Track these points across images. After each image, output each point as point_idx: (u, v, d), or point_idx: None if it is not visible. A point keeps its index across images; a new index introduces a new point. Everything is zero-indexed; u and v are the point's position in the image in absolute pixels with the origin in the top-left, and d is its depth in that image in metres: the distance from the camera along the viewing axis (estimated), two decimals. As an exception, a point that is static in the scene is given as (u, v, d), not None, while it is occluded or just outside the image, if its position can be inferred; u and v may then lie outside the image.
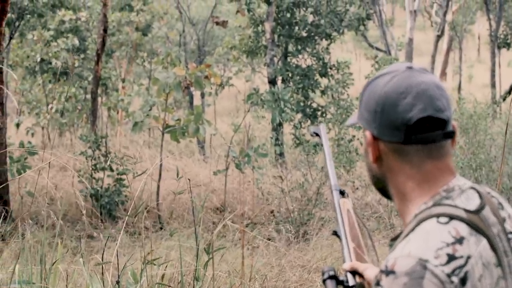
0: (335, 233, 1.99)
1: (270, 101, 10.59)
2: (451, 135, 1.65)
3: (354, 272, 1.86)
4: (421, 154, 1.63)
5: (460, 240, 1.54)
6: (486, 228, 1.59)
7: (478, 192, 1.66)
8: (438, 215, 1.58)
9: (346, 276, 1.84)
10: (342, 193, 2.09)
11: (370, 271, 1.85)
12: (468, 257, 1.53)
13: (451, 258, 1.51)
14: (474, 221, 1.58)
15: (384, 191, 1.77)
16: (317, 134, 2.26)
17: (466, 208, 1.60)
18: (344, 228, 1.98)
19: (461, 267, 1.51)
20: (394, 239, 1.75)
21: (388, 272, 1.52)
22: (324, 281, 1.83)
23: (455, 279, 1.49)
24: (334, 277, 1.83)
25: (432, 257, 1.50)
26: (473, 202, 1.62)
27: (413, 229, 1.59)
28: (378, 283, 1.53)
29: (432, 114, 1.60)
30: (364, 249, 1.94)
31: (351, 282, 1.84)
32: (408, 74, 1.65)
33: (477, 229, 1.58)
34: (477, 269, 1.53)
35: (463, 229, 1.56)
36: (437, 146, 1.64)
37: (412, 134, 1.61)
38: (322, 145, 2.22)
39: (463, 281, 1.51)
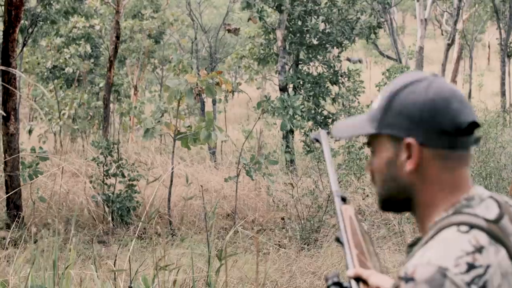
0: (337, 240, 1.97)
1: (280, 108, 10.62)
2: (478, 141, 1.68)
3: (358, 279, 1.84)
4: (461, 161, 1.65)
5: (480, 249, 1.54)
6: (505, 237, 1.60)
7: (497, 201, 1.67)
8: (458, 224, 1.58)
9: (350, 282, 1.83)
10: (343, 199, 2.06)
11: (374, 278, 1.84)
12: (488, 267, 1.53)
13: (470, 267, 1.51)
14: (493, 231, 1.59)
15: (399, 204, 1.74)
16: (317, 140, 2.22)
17: (486, 217, 1.60)
18: (347, 235, 1.95)
19: (480, 276, 1.51)
20: (412, 245, 1.77)
21: (408, 279, 1.51)
22: (328, 287, 1.84)
23: (474, 287, 1.49)
24: (338, 284, 1.83)
25: (452, 265, 1.50)
26: (493, 211, 1.63)
27: (432, 237, 1.60)
28: None
29: (475, 119, 1.64)
30: (367, 256, 1.91)
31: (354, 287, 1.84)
32: (441, 80, 1.67)
33: (497, 238, 1.58)
34: (496, 278, 1.53)
35: (483, 239, 1.56)
36: (470, 152, 1.67)
37: (459, 139, 1.63)
38: (323, 151, 2.19)
39: None
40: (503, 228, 1.61)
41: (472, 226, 1.57)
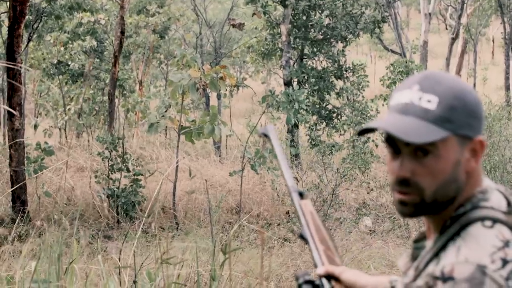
0: (301, 237, 1.93)
1: (285, 102, 10.62)
2: None
3: (329, 276, 1.83)
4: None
5: (507, 244, 1.54)
6: None
7: (501, 192, 1.67)
8: (482, 219, 1.58)
9: (321, 281, 1.82)
10: (301, 194, 2.03)
11: (347, 274, 1.84)
12: None
13: (505, 262, 1.51)
14: (511, 223, 1.59)
15: (445, 204, 1.66)
16: (266, 135, 2.19)
17: (502, 210, 1.61)
18: (311, 231, 1.92)
19: None
20: (417, 240, 1.76)
21: (446, 278, 1.49)
22: (299, 286, 1.81)
23: (511, 283, 1.49)
24: (310, 282, 1.81)
25: (489, 262, 1.50)
26: (503, 203, 1.63)
27: (458, 233, 1.58)
28: None
29: None
30: (334, 250, 1.89)
31: (326, 286, 1.82)
32: None
33: None
34: None
35: (506, 232, 1.56)
36: None
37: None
38: (273, 146, 2.15)
39: None
40: None
41: (495, 221, 1.57)
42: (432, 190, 1.61)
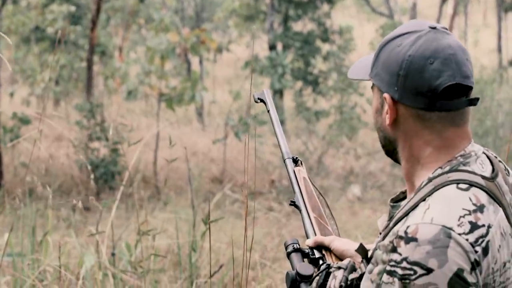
0: (293, 204, 1.94)
1: (269, 67, 10.30)
2: (475, 102, 1.60)
3: (320, 247, 1.82)
4: (444, 121, 1.57)
5: (481, 208, 1.48)
6: (501, 196, 1.55)
7: (488, 157, 1.63)
8: (457, 181, 1.52)
9: (310, 250, 1.82)
10: (295, 161, 2.03)
11: (337, 243, 1.82)
12: (489, 226, 1.47)
13: (474, 226, 1.45)
14: (491, 189, 1.53)
15: (391, 153, 1.67)
16: (262, 100, 2.16)
17: (483, 175, 1.55)
18: (303, 198, 1.93)
19: (483, 236, 1.45)
20: (396, 200, 1.72)
21: (409, 239, 1.43)
22: (288, 255, 1.81)
23: (478, 248, 1.44)
24: (298, 250, 1.81)
25: (455, 225, 1.44)
26: (487, 168, 1.58)
27: (430, 194, 1.51)
28: (394, 250, 1.45)
29: (460, 81, 1.54)
30: (325, 218, 1.90)
31: (317, 254, 1.82)
32: (433, 36, 1.57)
33: (494, 197, 1.53)
34: (497, 239, 1.48)
35: (482, 197, 1.51)
36: (459, 113, 1.58)
37: (437, 100, 1.54)
38: (268, 111, 2.13)
39: (485, 251, 1.45)
40: (499, 186, 1.57)
41: (471, 184, 1.51)
42: (376, 130, 1.68)
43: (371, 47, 15.05)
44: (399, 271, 1.43)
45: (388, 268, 1.46)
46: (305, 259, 1.82)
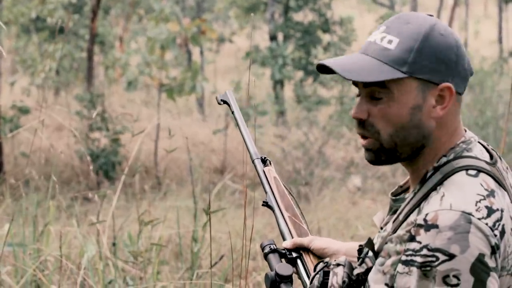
0: (265, 204, 1.92)
1: (269, 57, 10.28)
2: None
3: (298, 248, 1.82)
4: (460, 106, 1.62)
5: (492, 193, 1.50)
6: (504, 181, 1.57)
7: (481, 144, 1.64)
8: (466, 168, 1.53)
9: (287, 251, 1.81)
10: (264, 161, 2.02)
11: (317, 242, 1.81)
12: (502, 210, 1.49)
13: (490, 211, 1.47)
14: (495, 174, 1.55)
15: (412, 153, 1.61)
16: (225, 102, 2.16)
17: (486, 160, 1.57)
18: (276, 198, 1.91)
19: (499, 220, 1.47)
20: (396, 194, 1.72)
21: (429, 226, 1.44)
22: (265, 256, 1.81)
23: (497, 232, 1.46)
24: (275, 251, 1.81)
25: (474, 210, 1.45)
26: (485, 155, 1.60)
27: (441, 183, 1.52)
28: (411, 239, 1.46)
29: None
30: (300, 217, 1.89)
31: (294, 254, 1.81)
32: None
33: (499, 182, 1.55)
34: (509, 223, 1.50)
35: (491, 182, 1.53)
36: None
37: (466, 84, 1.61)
38: (233, 112, 2.12)
39: (502, 234, 1.47)
40: (499, 171, 1.58)
41: (479, 170, 1.53)
42: (388, 133, 1.59)
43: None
44: (419, 259, 1.44)
45: (404, 258, 1.47)
46: (283, 260, 1.81)
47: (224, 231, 6.91)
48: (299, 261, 1.81)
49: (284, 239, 1.87)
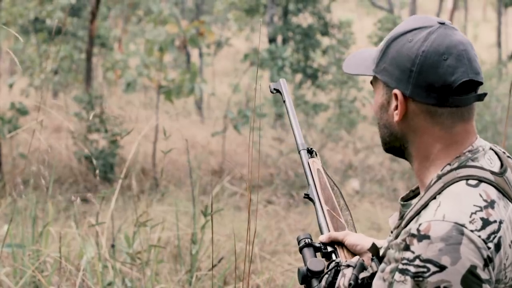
0: (307, 196, 1.94)
1: (268, 60, 10.28)
2: (483, 97, 1.60)
3: (333, 242, 1.83)
4: (454, 117, 1.57)
5: (491, 204, 1.48)
6: (511, 191, 1.55)
7: (496, 153, 1.62)
8: (467, 178, 1.52)
9: (322, 245, 1.83)
10: (310, 152, 2.04)
11: (351, 238, 1.82)
12: (500, 222, 1.47)
13: (485, 223, 1.45)
14: (500, 184, 1.53)
15: (397, 150, 1.68)
16: (278, 91, 2.16)
17: (492, 170, 1.55)
18: (317, 190, 1.93)
19: (495, 232, 1.45)
20: (406, 199, 1.71)
21: (422, 236, 1.43)
22: (300, 249, 1.82)
23: (491, 245, 1.44)
24: (310, 245, 1.82)
25: (467, 221, 1.43)
26: (496, 164, 1.58)
27: (440, 192, 1.51)
28: (406, 248, 1.45)
29: (472, 78, 1.55)
30: (339, 210, 1.90)
31: (329, 248, 1.83)
32: (444, 31, 1.58)
33: (504, 193, 1.53)
34: (508, 234, 1.48)
35: (492, 192, 1.51)
36: (468, 108, 1.58)
37: (450, 96, 1.55)
38: (284, 101, 2.14)
39: (498, 247, 1.45)
40: (508, 181, 1.56)
41: (480, 180, 1.51)
42: (378, 127, 1.68)
43: (369, 40, 14.99)
44: (412, 269, 1.44)
45: (400, 266, 1.46)
46: (318, 253, 1.83)
47: (222, 233, 6.90)
48: (333, 256, 1.81)
49: (321, 232, 1.88)
